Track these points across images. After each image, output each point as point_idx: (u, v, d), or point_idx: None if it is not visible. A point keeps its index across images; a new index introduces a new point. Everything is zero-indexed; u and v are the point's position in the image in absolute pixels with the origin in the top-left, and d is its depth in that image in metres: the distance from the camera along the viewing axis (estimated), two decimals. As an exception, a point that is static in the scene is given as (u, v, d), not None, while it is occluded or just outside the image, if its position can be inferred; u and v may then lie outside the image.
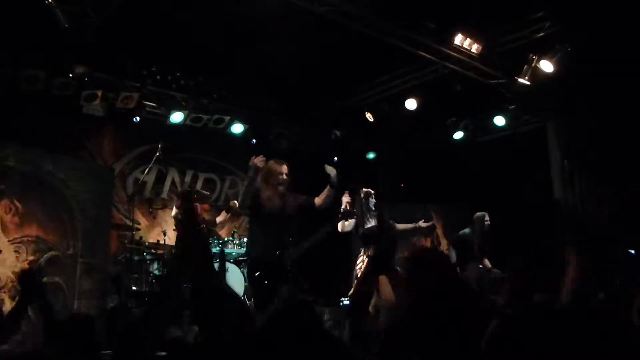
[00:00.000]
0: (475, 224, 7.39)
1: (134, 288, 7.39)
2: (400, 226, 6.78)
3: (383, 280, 5.73)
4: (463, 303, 1.90)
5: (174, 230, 7.58)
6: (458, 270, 7.17)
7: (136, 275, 7.53)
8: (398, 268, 5.25)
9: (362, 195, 6.28)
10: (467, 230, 7.50)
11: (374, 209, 6.33)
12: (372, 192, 6.33)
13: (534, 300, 2.35)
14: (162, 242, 8.10)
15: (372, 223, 6.27)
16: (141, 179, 8.55)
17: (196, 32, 7.11)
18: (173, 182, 9.27)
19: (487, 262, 7.33)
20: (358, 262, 6.33)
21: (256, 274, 5.11)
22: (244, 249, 7.93)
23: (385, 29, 7.07)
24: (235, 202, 7.47)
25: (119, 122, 8.61)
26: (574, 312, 1.52)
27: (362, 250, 6.34)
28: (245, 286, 7.24)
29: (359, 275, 6.09)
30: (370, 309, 4.79)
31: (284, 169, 5.34)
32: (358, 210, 6.24)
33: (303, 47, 7.38)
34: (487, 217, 7.36)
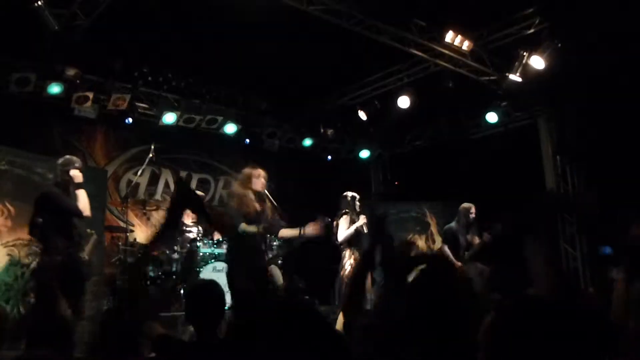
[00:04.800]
0: (461, 215, 7.40)
1: (128, 290, 7.37)
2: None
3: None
4: (458, 296, 1.91)
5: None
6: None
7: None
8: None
9: (348, 198, 6.57)
10: (452, 223, 7.50)
11: (359, 210, 6.56)
12: (357, 195, 6.63)
13: (529, 293, 2.37)
14: (156, 243, 8.06)
15: (359, 222, 6.41)
16: (134, 180, 8.54)
17: (187, 32, 7.09)
18: (166, 184, 9.24)
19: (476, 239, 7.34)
20: (343, 264, 6.39)
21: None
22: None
23: (376, 27, 7.09)
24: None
25: (111, 123, 8.58)
26: (568, 305, 1.53)
27: (347, 252, 6.41)
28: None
29: (347, 275, 6.17)
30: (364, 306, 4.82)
31: (261, 173, 5.44)
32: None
33: (294, 46, 7.38)
34: (472, 209, 7.34)
